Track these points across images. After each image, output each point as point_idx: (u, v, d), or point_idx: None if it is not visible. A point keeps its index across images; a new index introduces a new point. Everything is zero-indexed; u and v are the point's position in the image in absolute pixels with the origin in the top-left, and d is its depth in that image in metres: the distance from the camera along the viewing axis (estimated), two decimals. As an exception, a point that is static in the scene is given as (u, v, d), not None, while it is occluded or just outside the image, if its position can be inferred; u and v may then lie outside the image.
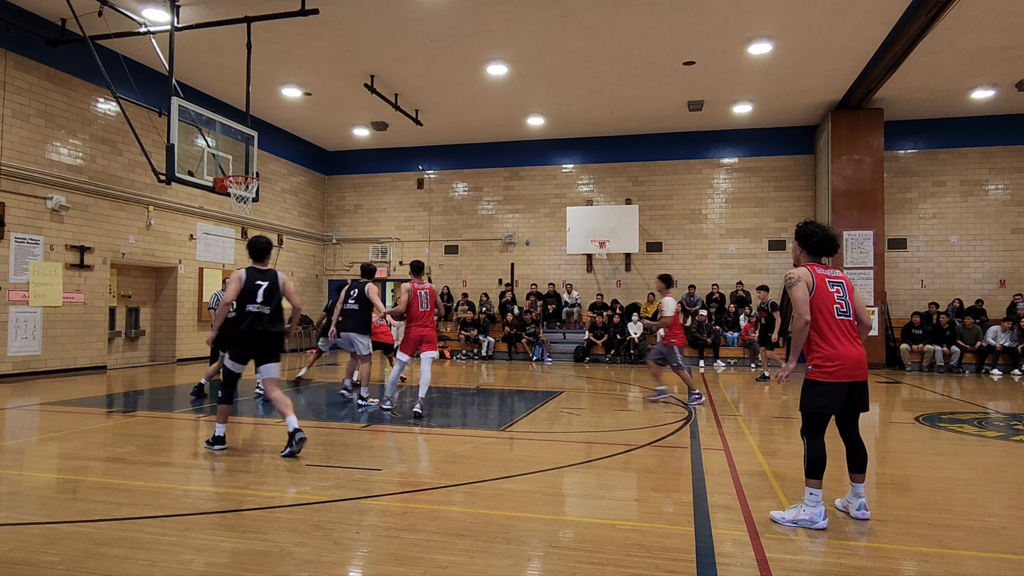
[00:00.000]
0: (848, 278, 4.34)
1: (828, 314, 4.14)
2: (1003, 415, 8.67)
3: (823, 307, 4.14)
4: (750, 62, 13.13)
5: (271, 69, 13.76)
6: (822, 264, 4.33)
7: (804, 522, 3.99)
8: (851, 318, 4.18)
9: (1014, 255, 16.22)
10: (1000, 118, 16.20)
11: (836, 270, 4.32)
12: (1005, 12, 10.80)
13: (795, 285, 4.17)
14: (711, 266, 17.99)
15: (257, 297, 5.99)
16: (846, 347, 4.09)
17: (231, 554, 3.48)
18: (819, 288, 4.15)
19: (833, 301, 4.15)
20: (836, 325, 4.12)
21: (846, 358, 4.07)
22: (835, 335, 4.11)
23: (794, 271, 4.25)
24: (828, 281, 4.18)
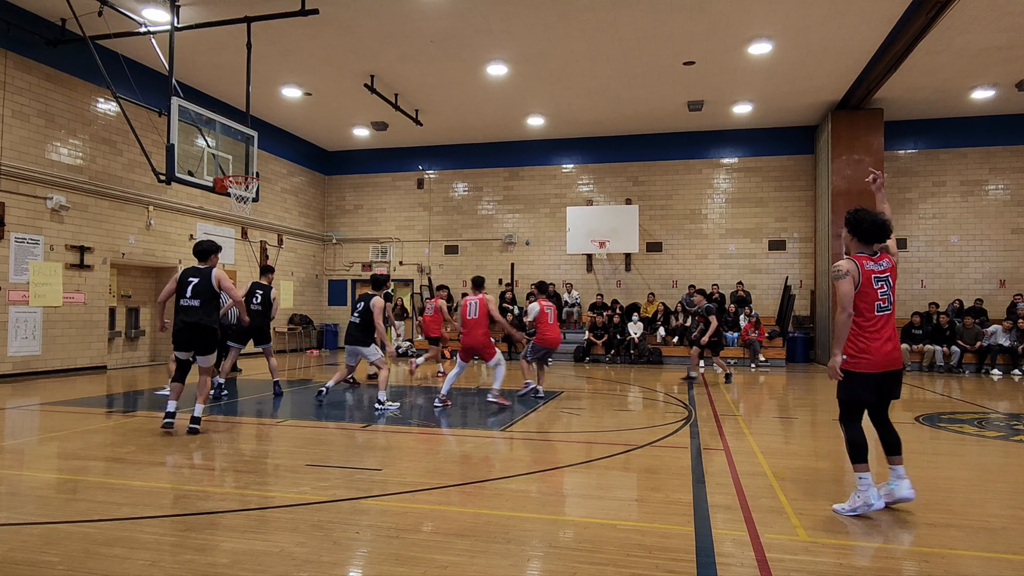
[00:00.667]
0: (895, 267, 4.34)
1: (869, 309, 4.19)
2: (1003, 415, 8.67)
3: (865, 303, 4.19)
4: (750, 62, 13.12)
5: (271, 69, 13.76)
6: (871, 255, 4.28)
7: (861, 508, 4.14)
8: (891, 311, 4.24)
9: (1014, 255, 16.22)
10: (1000, 118, 16.20)
11: (886, 260, 4.29)
12: (1005, 12, 10.79)
13: (842, 279, 4.18)
14: (711, 266, 17.98)
15: (186, 292, 6.96)
16: (881, 341, 4.18)
17: (231, 554, 3.48)
18: (864, 284, 4.19)
19: (876, 298, 4.20)
20: (875, 320, 4.18)
21: (879, 352, 4.17)
22: (873, 329, 4.18)
23: (842, 264, 4.22)
24: (874, 277, 4.21)
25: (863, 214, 4.29)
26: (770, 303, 17.56)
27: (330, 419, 7.97)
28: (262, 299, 9.65)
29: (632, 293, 18.44)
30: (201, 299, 6.90)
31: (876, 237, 4.29)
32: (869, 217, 4.27)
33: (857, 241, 4.33)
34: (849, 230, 4.36)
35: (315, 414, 8.29)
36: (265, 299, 9.66)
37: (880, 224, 4.26)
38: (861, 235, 4.29)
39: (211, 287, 6.94)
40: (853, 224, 4.32)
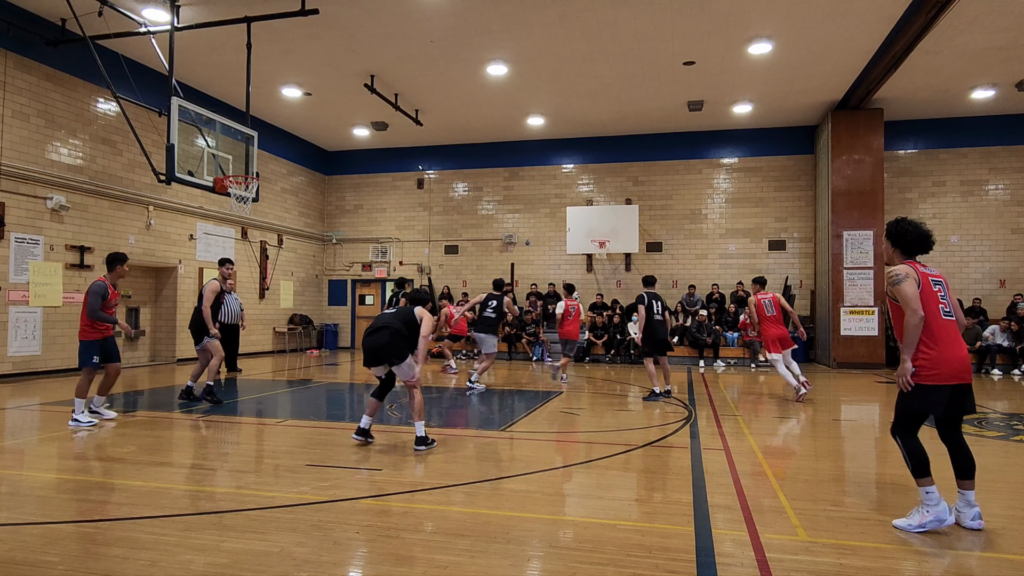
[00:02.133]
0: (942, 275, 4.12)
1: (935, 314, 3.91)
2: (1003, 415, 8.67)
3: (928, 308, 3.91)
4: (750, 62, 13.13)
5: (271, 69, 13.76)
6: (917, 262, 4.09)
7: (932, 523, 3.86)
8: (954, 319, 3.98)
9: (1014, 255, 16.22)
10: (1000, 118, 16.20)
11: (934, 268, 4.13)
12: (1005, 12, 10.79)
13: (903, 281, 3.91)
14: (711, 266, 17.98)
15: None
16: (952, 349, 3.88)
17: (231, 554, 3.48)
18: (924, 287, 3.93)
19: (938, 301, 3.94)
20: (943, 326, 3.91)
21: (952, 360, 3.86)
22: (942, 336, 3.89)
23: (898, 267, 4.01)
24: (932, 280, 3.99)
25: (906, 224, 4.11)
26: (770, 303, 17.56)
27: (329, 419, 7.97)
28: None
29: (632, 293, 18.42)
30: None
31: (920, 248, 4.10)
32: (914, 228, 4.08)
33: (900, 253, 4.15)
34: (892, 241, 4.17)
35: (315, 414, 8.29)
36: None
37: (925, 235, 4.08)
38: (905, 247, 4.11)
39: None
40: (896, 235, 4.13)
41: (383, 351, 6.06)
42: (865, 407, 9.73)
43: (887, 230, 4.21)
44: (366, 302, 20.81)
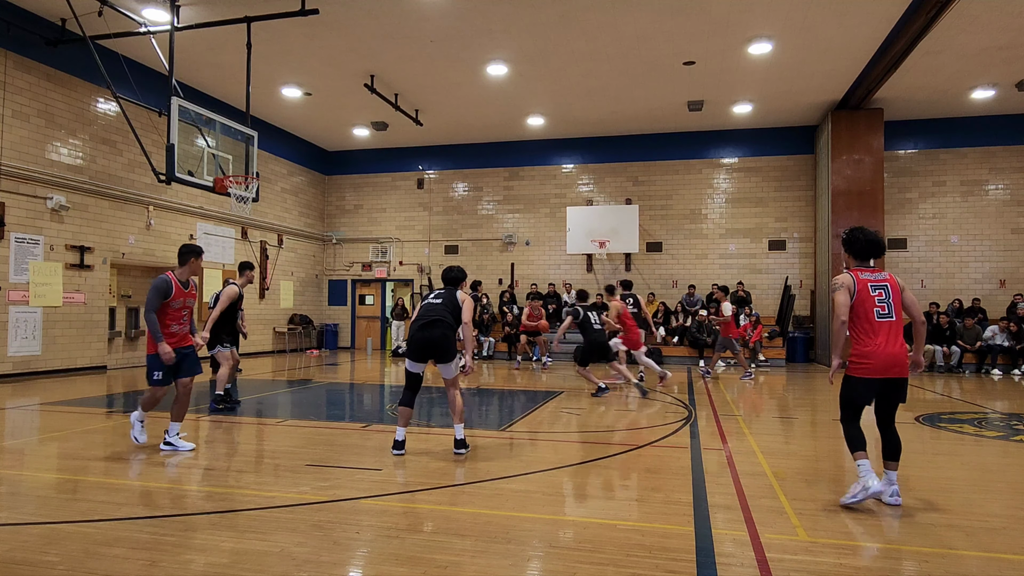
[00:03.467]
0: (896, 280, 4.57)
1: (867, 317, 4.43)
2: (1003, 415, 8.67)
3: (863, 310, 4.44)
4: (750, 62, 13.12)
5: (271, 69, 13.76)
6: (868, 268, 4.60)
7: (860, 492, 4.36)
8: (894, 319, 4.43)
9: (1014, 255, 16.22)
10: (1000, 118, 16.19)
11: (883, 273, 4.58)
12: (1005, 12, 10.79)
13: (837, 291, 4.52)
14: (711, 266, 17.98)
15: None
16: (883, 347, 4.38)
17: (231, 554, 3.48)
18: (860, 293, 4.46)
19: (874, 305, 4.45)
20: (876, 327, 4.42)
21: (882, 356, 4.37)
22: (875, 334, 4.41)
23: (838, 278, 4.57)
24: (870, 285, 4.48)
25: (857, 233, 4.64)
26: (770, 303, 17.56)
27: (329, 419, 7.97)
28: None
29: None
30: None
31: (871, 254, 4.63)
32: (863, 236, 4.61)
33: (852, 257, 4.68)
34: (845, 247, 4.71)
35: (315, 414, 8.29)
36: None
37: (873, 242, 4.60)
38: (855, 252, 4.65)
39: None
40: (849, 242, 4.67)
41: (438, 347, 5.77)
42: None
43: (842, 238, 4.75)
44: (366, 302, 20.81)
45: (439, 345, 5.76)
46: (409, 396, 5.91)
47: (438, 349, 5.77)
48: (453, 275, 6.24)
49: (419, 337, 5.79)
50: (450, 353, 5.83)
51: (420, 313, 5.94)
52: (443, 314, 5.86)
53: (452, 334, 5.86)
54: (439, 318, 5.83)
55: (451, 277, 6.23)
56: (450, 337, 5.84)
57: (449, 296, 6.00)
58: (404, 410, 5.89)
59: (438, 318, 5.83)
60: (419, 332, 5.80)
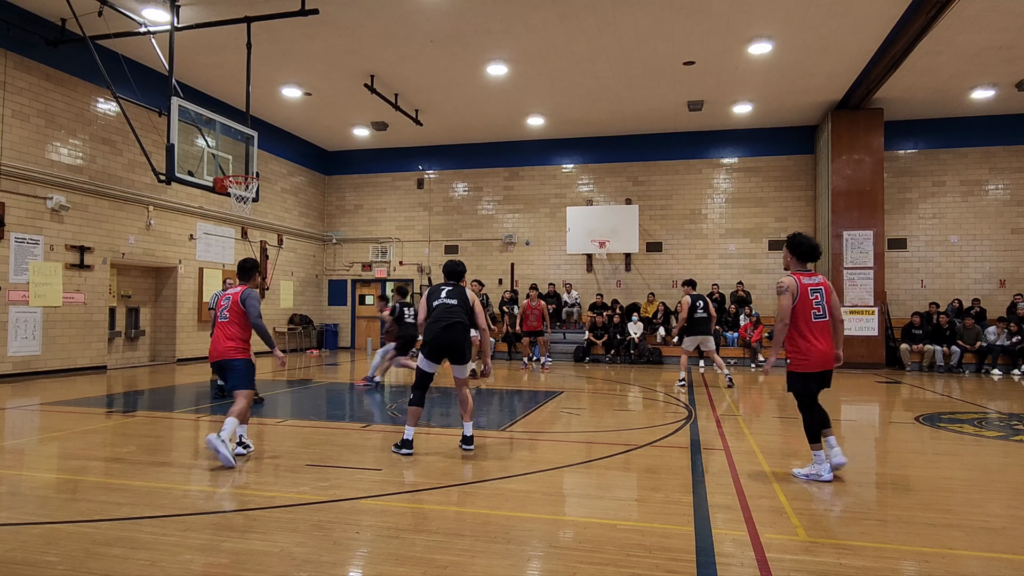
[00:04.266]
0: (828, 283, 5.17)
1: (806, 318, 5.04)
2: (1003, 415, 8.67)
3: (803, 312, 5.03)
4: (750, 62, 13.12)
5: (271, 69, 13.76)
6: (807, 271, 5.20)
7: (813, 475, 5.09)
8: (827, 319, 5.08)
9: (1014, 255, 16.22)
10: (1000, 118, 16.19)
11: (818, 276, 5.16)
12: (1005, 12, 10.79)
13: (782, 294, 5.08)
14: (711, 266, 17.98)
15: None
16: (818, 344, 5.04)
17: (231, 554, 3.48)
18: (802, 296, 5.04)
19: (811, 307, 5.05)
20: (813, 327, 5.04)
21: (817, 352, 5.03)
22: (812, 334, 5.04)
23: (784, 281, 5.11)
24: (810, 289, 5.07)
25: (801, 238, 5.23)
26: (770, 303, 17.56)
27: (329, 419, 7.97)
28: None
29: (632, 293, 18.43)
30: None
31: (810, 258, 5.21)
32: (807, 242, 5.21)
33: (795, 260, 5.23)
34: (790, 251, 5.26)
35: (315, 414, 8.28)
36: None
37: (814, 247, 5.22)
38: (799, 255, 5.22)
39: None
40: (793, 246, 5.23)
41: (458, 349, 5.84)
42: (865, 407, 9.73)
43: (787, 242, 5.30)
44: (366, 302, 20.81)
45: (460, 347, 5.86)
46: (419, 396, 5.91)
47: (458, 350, 5.87)
48: (460, 270, 6.25)
49: (442, 339, 5.81)
50: (468, 354, 5.95)
51: (438, 313, 5.89)
52: (461, 315, 5.92)
53: (469, 335, 5.98)
54: (459, 320, 5.88)
55: (457, 272, 6.23)
56: (469, 338, 5.96)
57: (461, 295, 6.03)
58: (415, 410, 5.88)
59: (458, 320, 5.87)
60: (442, 334, 5.80)
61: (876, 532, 3.95)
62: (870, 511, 4.41)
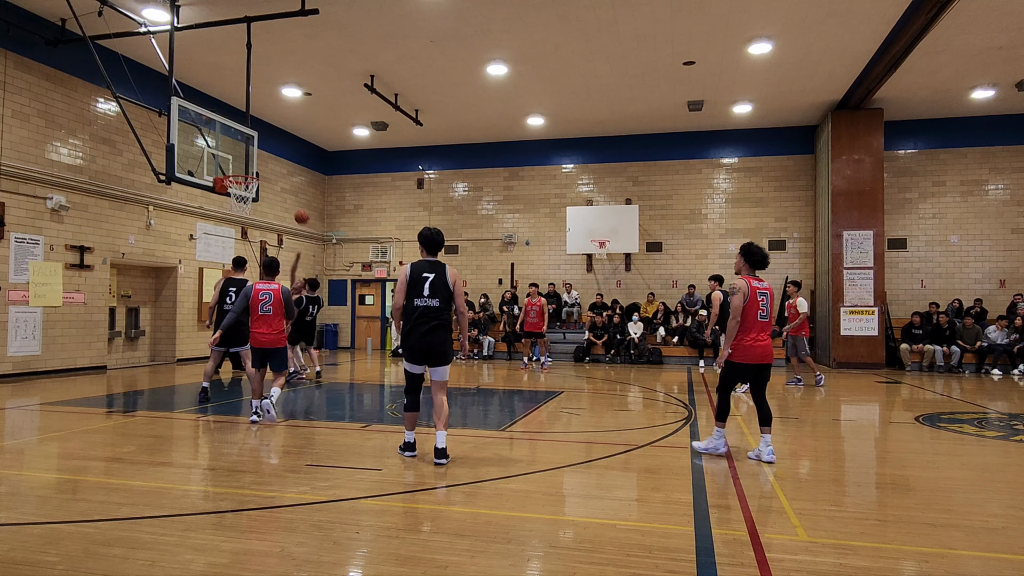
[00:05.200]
0: (771, 289, 5.91)
1: (754, 317, 5.70)
2: (1003, 415, 8.67)
3: (751, 312, 5.69)
4: (750, 62, 13.12)
5: (271, 69, 13.76)
6: (757, 277, 5.84)
7: (711, 449, 5.90)
8: (769, 320, 5.77)
9: (1014, 255, 16.21)
10: (1000, 118, 16.19)
11: (764, 282, 5.87)
12: (1005, 12, 10.79)
13: (736, 295, 5.71)
14: (711, 266, 17.96)
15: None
16: (759, 341, 5.71)
17: (231, 554, 3.48)
18: (752, 299, 5.69)
19: (759, 308, 5.71)
20: (756, 325, 5.72)
21: (756, 348, 5.71)
22: (756, 332, 5.72)
23: (738, 284, 5.76)
24: (758, 292, 5.73)
25: (754, 247, 5.88)
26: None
27: (329, 419, 7.97)
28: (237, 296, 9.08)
29: (632, 293, 18.43)
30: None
31: (761, 266, 5.87)
32: (760, 251, 5.87)
33: (748, 266, 5.86)
34: (744, 258, 5.88)
35: (315, 414, 8.28)
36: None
37: (765, 256, 5.88)
38: (752, 263, 5.86)
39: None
40: (747, 254, 5.87)
41: (438, 353, 5.58)
42: (865, 407, 9.73)
43: (741, 250, 5.94)
44: (366, 302, 20.81)
45: (439, 350, 5.59)
46: (413, 400, 5.72)
47: (437, 354, 5.59)
48: (440, 240, 5.77)
49: (422, 344, 5.53)
50: (448, 356, 5.67)
51: (419, 316, 5.52)
52: (444, 317, 5.58)
53: (448, 334, 5.67)
54: (441, 323, 5.56)
55: (438, 243, 5.75)
56: (450, 340, 5.68)
57: (443, 286, 5.57)
58: (411, 415, 5.72)
59: (440, 323, 5.56)
60: (422, 339, 5.51)
61: (876, 532, 3.95)
62: (870, 511, 4.41)
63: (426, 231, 5.73)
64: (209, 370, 8.85)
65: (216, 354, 8.88)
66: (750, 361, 5.71)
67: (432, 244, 5.73)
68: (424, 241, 5.73)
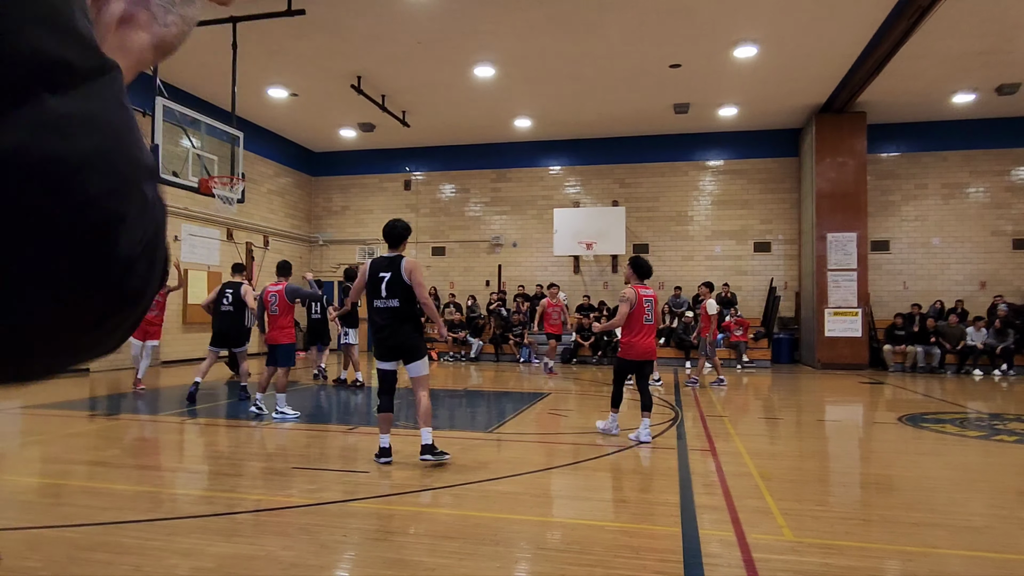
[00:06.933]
0: (656, 295, 6.86)
1: (639, 321, 6.58)
2: (984, 415, 8.78)
3: (638, 317, 6.57)
4: (735, 65, 13.22)
5: (257, 69, 13.67)
6: (644, 285, 6.77)
7: (606, 430, 6.87)
8: (653, 323, 6.67)
9: (994, 257, 16.43)
10: (980, 122, 16.40)
11: (650, 289, 6.81)
12: (984, 18, 10.95)
13: (623, 303, 6.66)
14: (697, 267, 18.07)
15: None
16: (643, 341, 6.60)
17: (216, 558, 3.45)
18: (639, 305, 6.59)
19: (644, 313, 6.60)
20: (642, 328, 6.60)
21: (640, 346, 6.60)
22: (640, 333, 6.59)
23: (627, 292, 6.67)
24: (644, 299, 6.63)
25: (642, 261, 6.83)
26: (755, 304, 17.68)
27: (316, 421, 7.93)
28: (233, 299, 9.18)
29: (619, 295, 18.45)
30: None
31: (646, 275, 6.84)
32: (645, 263, 6.83)
33: (636, 276, 6.76)
34: (632, 269, 6.80)
35: (302, 416, 8.24)
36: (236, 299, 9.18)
37: (650, 267, 6.89)
38: (640, 274, 6.78)
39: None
40: (636, 267, 6.79)
41: (404, 350, 5.40)
42: (849, 408, 9.82)
43: (629, 262, 6.89)
44: (353, 304, 20.71)
45: (404, 347, 5.42)
46: (387, 401, 5.57)
47: (404, 351, 5.44)
48: (401, 233, 5.69)
49: (389, 344, 5.45)
50: (419, 351, 5.44)
51: (378, 318, 5.43)
52: (404, 315, 5.39)
53: (415, 330, 5.44)
54: (403, 320, 5.40)
55: (396, 235, 5.65)
56: (414, 336, 5.43)
57: (398, 284, 5.38)
58: (384, 416, 5.54)
59: (402, 320, 5.40)
60: (388, 339, 5.42)
61: (861, 532, 3.99)
62: (855, 511, 4.46)
63: (387, 223, 5.70)
64: (204, 368, 9.08)
65: (212, 355, 9.25)
66: (634, 358, 6.60)
67: (390, 237, 5.61)
68: (384, 235, 5.70)
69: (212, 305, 9.43)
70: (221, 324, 9.17)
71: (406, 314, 5.41)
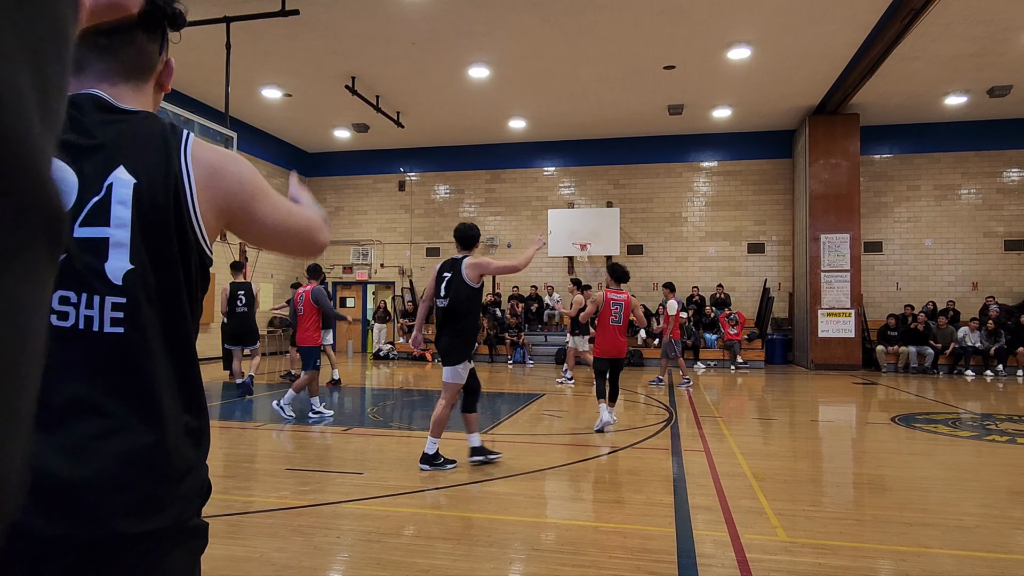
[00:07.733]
0: (628, 297, 7.36)
1: (607, 322, 7.24)
2: (976, 415, 8.83)
3: (605, 318, 7.25)
4: (730, 67, 13.25)
5: (251, 70, 13.63)
6: (616, 289, 7.36)
7: (606, 422, 7.15)
8: (622, 324, 7.25)
9: (986, 258, 16.53)
10: (972, 124, 16.50)
11: (623, 294, 7.36)
12: (976, 20, 11.01)
13: (591, 303, 7.50)
14: (691, 268, 18.11)
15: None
16: (612, 341, 7.24)
17: (209, 560, 3.43)
18: (605, 307, 7.26)
19: (611, 315, 7.24)
20: (610, 328, 7.23)
21: (609, 345, 7.24)
22: (608, 333, 7.24)
23: (596, 295, 7.49)
24: (612, 302, 7.27)
25: (618, 266, 7.51)
26: (749, 305, 17.72)
27: (309, 423, 7.90)
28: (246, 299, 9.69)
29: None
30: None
31: (622, 280, 7.42)
32: (621, 268, 7.48)
33: (612, 279, 7.42)
34: (609, 274, 7.48)
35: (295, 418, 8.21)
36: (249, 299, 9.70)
37: (625, 272, 7.50)
38: (615, 278, 7.42)
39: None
40: (613, 271, 7.48)
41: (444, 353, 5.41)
42: (842, 408, 9.86)
43: (607, 268, 7.61)
44: (347, 304, 20.69)
45: (445, 350, 5.42)
46: (467, 401, 5.59)
47: (442, 354, 5.47)
48: (469, 234, 5.50)
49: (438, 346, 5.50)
50: (448, 357, 5.38)
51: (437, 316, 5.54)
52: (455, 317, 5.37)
53: (455, 335, 5.37)
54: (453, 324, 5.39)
55: (467, 236, 5.48)
56: (455, 343, 5.36)
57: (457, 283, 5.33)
58: (466, 417, 5.61)
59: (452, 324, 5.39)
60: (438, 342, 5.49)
61: (854, 532, 4.00)
62: (848, 511, 4.47)
63: (459, 227, 5.58)
64: (236, 369, 9.65)
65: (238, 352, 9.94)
66: (607, 356, 7.26)
67: (461, 239, 5.50)
68: (456, 235, 5.58)
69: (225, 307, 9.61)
70: (237, 325, 9.39)
71: (458, 315, 5.36)
